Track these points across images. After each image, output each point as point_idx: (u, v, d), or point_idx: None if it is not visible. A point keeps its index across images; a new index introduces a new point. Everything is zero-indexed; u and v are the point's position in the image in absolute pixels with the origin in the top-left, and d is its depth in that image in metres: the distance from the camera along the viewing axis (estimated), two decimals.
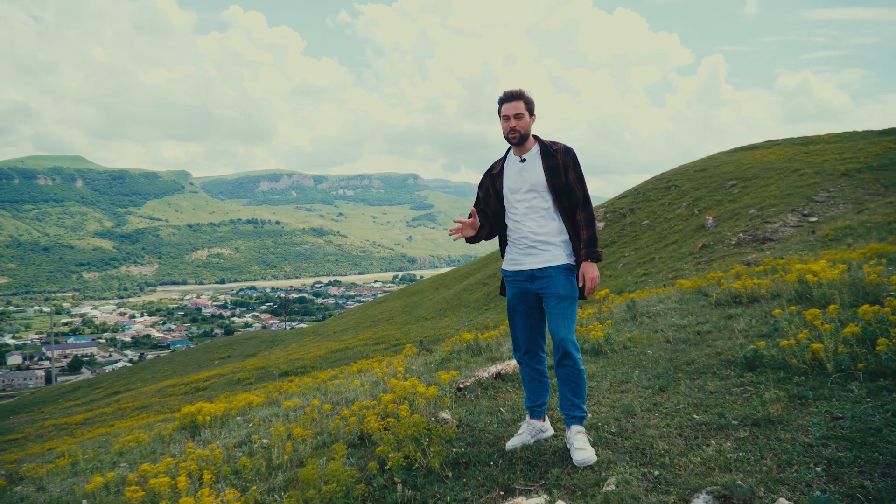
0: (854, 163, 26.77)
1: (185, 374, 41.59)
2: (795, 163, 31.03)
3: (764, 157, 35.36)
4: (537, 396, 3.67)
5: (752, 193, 28.55)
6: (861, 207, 21.07)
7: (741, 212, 26.43)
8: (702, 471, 2.88)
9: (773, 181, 29.03)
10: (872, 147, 28.65)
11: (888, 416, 3.12)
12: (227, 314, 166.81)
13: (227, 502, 3.00)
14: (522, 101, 3.48)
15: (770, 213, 24.13)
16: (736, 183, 31.72)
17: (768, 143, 41.48)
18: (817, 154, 31.59)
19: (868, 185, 24.48)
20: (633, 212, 37.32)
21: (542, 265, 3.46)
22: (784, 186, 27.23)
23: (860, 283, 5.42)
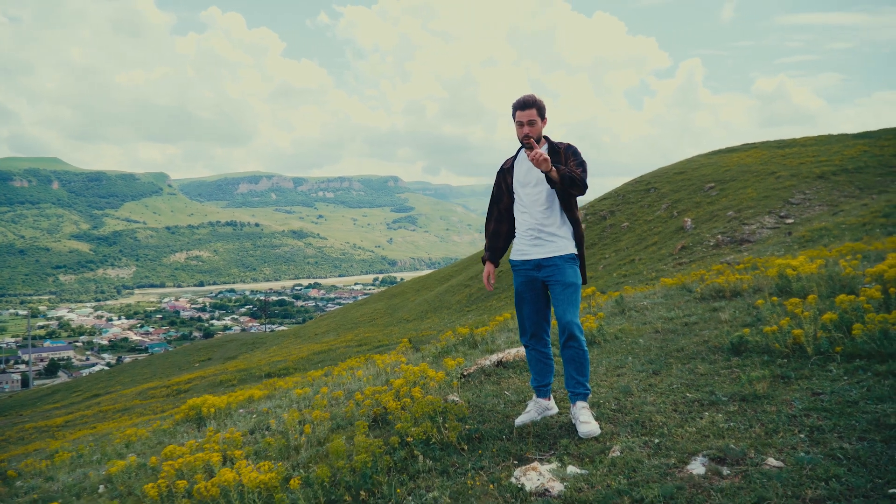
0: (829, 166, 27.27)
1: (166, 376, 41.29)
2: (772, 165, 31.45)
3: (741, 160, 35.79)
4: (543, 377, 3.97)
5: (729, 196, 28.91)
6: (836, 209, 21.47)
7: (719, 214, 26.75)
8: (697, 438, 3.20)
9: (750, 184, 29.39)
10: (847, 150, 29.21)
11: (863, 391, 3.46)
12: (205, 317, 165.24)
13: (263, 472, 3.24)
14: (535, 109, 3.80)
15: (748, 215, 24.47)
16: (714, 185, 32.06)
17: (745, 146, 42.06)
18: (793, 157, 32.08)
19: (843, 188, 24.91)
20: (614, 214, 37.70)
21: (548, 255, 3.77)
22: (761, 189, 27.57)
23: (837, 277, 5.79)
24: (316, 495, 3.17)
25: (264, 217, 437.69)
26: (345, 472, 3.23)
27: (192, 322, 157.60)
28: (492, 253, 4.16)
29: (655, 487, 2.67)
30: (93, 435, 14.92)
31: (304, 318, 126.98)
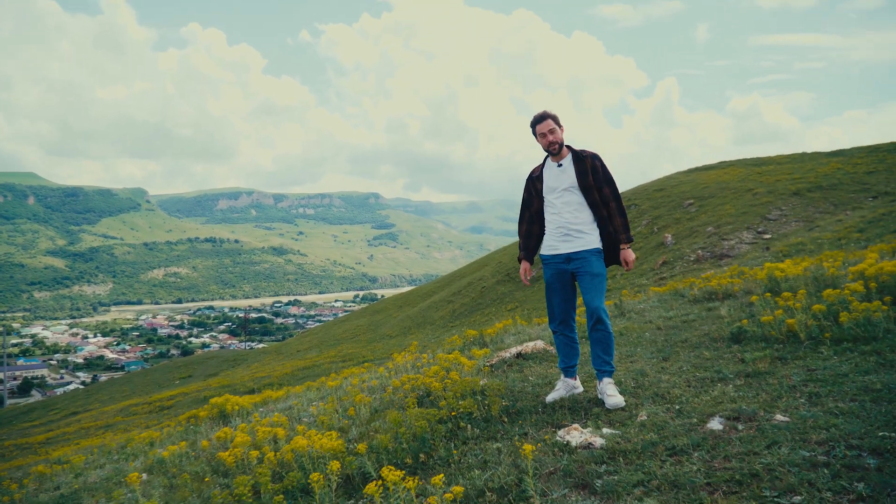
0: (804, 183, 27.97)
1: (145, 394, 40.94)
2: (749, 182, 32.02)
3: (719, 177, 36.40)
4: (570, 359, 4.47)
5: (708, 212, 29.37)
6: (812, 225, 21.99)
7: (699, 229, 27.18)
8: (712, 404, 3.71)
9: (728, 200, 29.85)
10: (821, 167, 30.01)
11: (852, 366, 4.01)
12: (184, 334, 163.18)
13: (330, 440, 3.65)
14: (551, 119, 4.36)
15: (726, 231, 24.91)
16: (693, 202, 32.49)
17: (723, 164, 42.89)
18: (769, 174, 32.83)
19: (818, 204, 25.51)
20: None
21: (577, 249, 4.29)
22: (739, 205, 28.02)
23: (822, 277, 6.37)
24: (380, 459, 3.60)
25: (244, 233, 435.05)
26: (405, 438, 3.66)
27: (170, 340, 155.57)
28: (526, 252, 4.66)
29: (684, 438, 3.17)
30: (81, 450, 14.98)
31: (283, 336, 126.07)
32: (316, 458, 3.59)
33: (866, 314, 4.51)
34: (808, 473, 2.60)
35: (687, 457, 2.98)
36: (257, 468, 3.45)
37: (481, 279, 45.55)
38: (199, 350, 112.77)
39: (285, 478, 3.38)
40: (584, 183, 4.30)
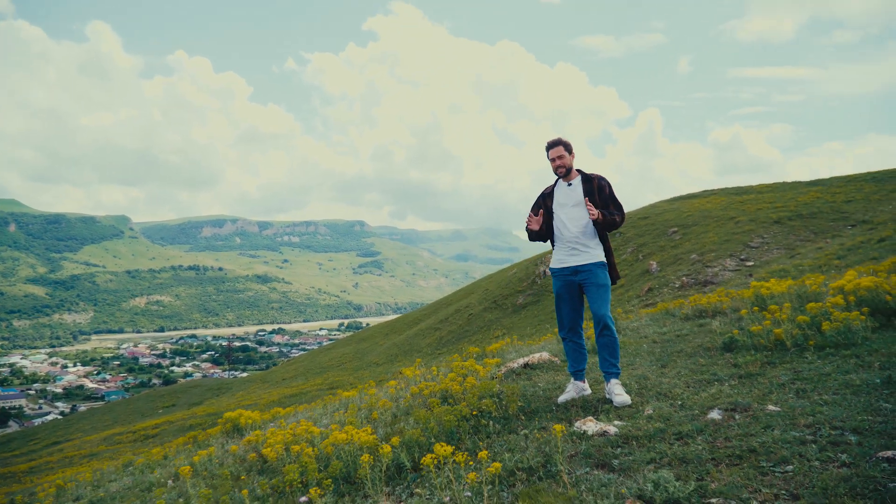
0: (785, 211, 28.55)
1: (128, 423, 40.50)
2: (731, 211, 32.51)
3: (702, 206, 36.95)
4: (578, 363, 4.89)
5: (692, 240, 29.78)
6: (793, 252, 22.44)
7: (683, 257, 27.55)
8: (710, 399, 4.14)
9: (711, 228, 30.27)
10: (801, 196, 30.69)
11: (834, 367, 4.47)
12: (165, 363, 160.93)
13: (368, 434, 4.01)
14: (562, 146, 4.86)
15: (710, 258, 25.27)
16: (677, 230, 32.93)
17: (705, 193, 43.62)
18: (751, 203, 33.43)
19: (798, 232, 25.99)
20: None
21: (584, 262, 4.74)
22: (722, 233, 28.39)
23: (805, 294, 6.85)
24: (411, 451, 3.95)
25: (228, 261, 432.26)
26: (433, 432, 4.03)
27: (152, 369, 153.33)
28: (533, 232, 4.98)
29: (688, 425, 3.58)
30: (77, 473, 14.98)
31: (267, 365, 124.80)
32: (354, 452, 3.94)
33: (846, 323, 4.98)
34: (798, 448, 3.03)
35: (692, 439, 3.39)
36: (302, 458, 3.79)
37: (468, 306, 45.81)
38: (182, 379, 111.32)
39: (329, 466, 3.73)
40: (590, 201, 4.75)
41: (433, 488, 3.35)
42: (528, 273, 41.65)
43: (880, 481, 2.57)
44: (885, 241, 16.91)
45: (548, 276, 38.79)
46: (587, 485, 2.97)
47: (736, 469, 2.91)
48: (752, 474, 2.83)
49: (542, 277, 39.90)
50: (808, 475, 2.74)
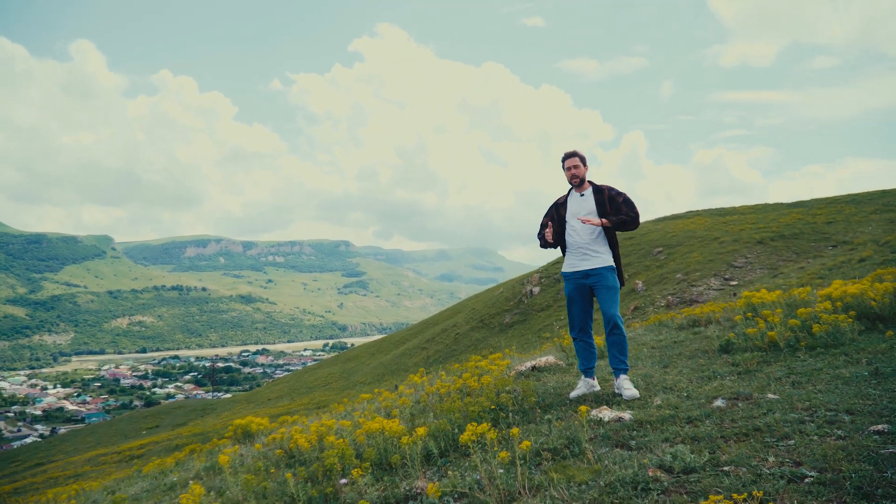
0: (768, 232, 29.05)
1: (111, 444, 40.01)
2: (715, 231, 32.96)
3: (686, 227, 37.40)
4: (589, 361, 5.22)
5: (677, 259, 30.14)
6: (776, 272, 22.86)
7: (668, 276, 27.88)
8: (714, 391, 4.50)
9: (695, 248, 30.65)
10: (783, 217, 31.26)
11: (825, 363, 4.85)
12: (147, 385, 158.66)
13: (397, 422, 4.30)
14: (577, 157, 5.20)
15: (695, 278, 25.62)
16: (662, 250, 33.27)
17: (690, 214, 44.20)
18: (734, 223, 33.95)
19: (781, 252, 26.45)
20: None
21: (594, 266, 5.09)
22: (706, 253, 28.78)
23: (794, 302, 7.25)
24: (438, 440, 4.25)
25: (212, 281, 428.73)
26: (458, 422, 4.33)
27: (133, 390, 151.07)
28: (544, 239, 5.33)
29: (696, 411, 3.93)
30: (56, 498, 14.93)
31: (251, 386, 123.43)
32: (386, 440, 4.22)
33: (835, 324, 5.38)
34: (798, 426, 3.38)
35: (701, 422, 3.73)
36: (338, 445, 4.07)
37: (455, 326, 45.92)
38: (164, 401, 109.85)
39: (364, 453, 4.01)
40: (600, 211, 5.12)
41: (465, 469, 3.65)
42: (515, 292, 41.90)
43: (873, 449, 2.92)
44: (865, 261, 17.40)
45: (534, 294, 39.18)
46: (610, 459, 3.30)
47: (743, 444, 3.24)
48: (759, 447, 3.16)
49: (528, 297, 40.12)
50: (808, 447, 3.08)
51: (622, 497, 2.82)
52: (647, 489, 2.85)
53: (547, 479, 3.13)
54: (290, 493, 3.78)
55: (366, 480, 3.63)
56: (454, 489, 3.28)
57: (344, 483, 3.78)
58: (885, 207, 28.92)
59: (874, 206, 29.67)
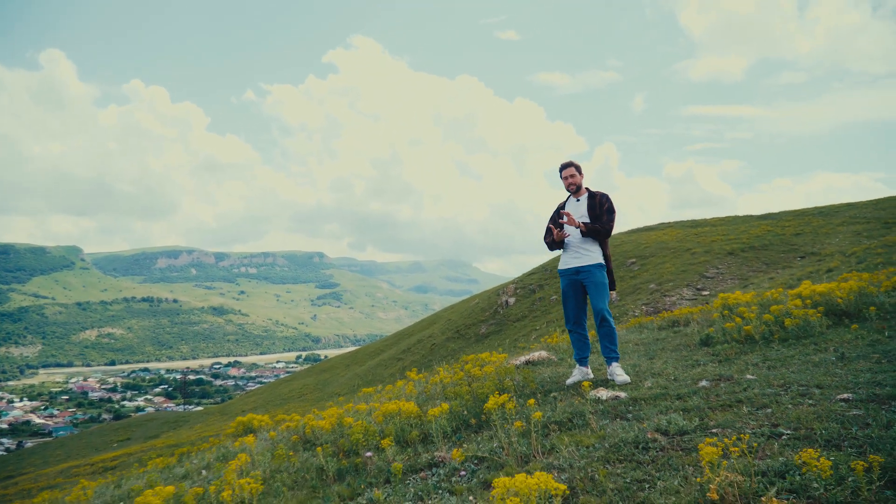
0: (738, 243, 29.74)
1: (82, 457, 39.38)
2: (687, 243, 33.53)
3: (659, 238, 37.97)
4: (583, 351, 5.67)
5: (650, 270, 30.64)
6: (746, 282, 23.47)
7: (642, 287, 28.36)
8: (698, 374, 5.01)
9: (668, 259, 31.15)
10: (753, 229, 32.08)
11: (796, 352, 5.40)
12: (116, 398, 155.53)
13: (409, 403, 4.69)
14: (573, 167, 5.68)
15: (668, 288, 26.10)
16: (636, 261, 33.75)
17: (662, 225, 44.93)
18: (706, 235, 34.64)
19: (751, 263, 27.12)
20: (542, 287, 39.02)
21: (585, 263, 5.56)
22: (678, 264, 29.28)
23: (767, 301, 7.80)
24: (450, 421, 4.64)
25: (183, 293, 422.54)
26: (469, 402, 4.74)
27: (102, 403, 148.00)
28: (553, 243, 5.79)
29: (684, 389, 4.41)
30: None
31: (223, 398, 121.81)
32: (404, 419, 4.61)
33: (805, 318, 5.91)
34: (774, 398, 3.88)
35: (689, 398, 4.21)
36: (359, 423, 4.44)
37: (430, 336, 46.03)
38: (133, 414, 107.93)
39: (385, 430, 4.40)
40: (591, 215, 5.59)
41: (479, 442, 4.06)
42: (491, 303, 42.21)
43: (839, 412, 3.41)
44: (832, 271, 18.07)
45: (510, 305, 39.57)
46: (612, 427, 3.75)
47: (728, 412, 3.72)
48: (741, 414, 3.64)
49: (504, 307, 40.42)
50: (784, 413, 3.56)
51: (626, 454, 3.26)
52: (647, 448, 3.30)
53: (559, 443, 3.56)
54: (319, 465, 4.14)
55: (392, 451, 4.01)
56: (475, 455, 3.69)
57: (369, 455, 4.15)
58: (851, 220, 29.84)
59: (841, 219, 30.57)
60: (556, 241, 5.64)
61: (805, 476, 2.61)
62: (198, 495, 3.84)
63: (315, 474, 4.17)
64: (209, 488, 3.75)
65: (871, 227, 27.77)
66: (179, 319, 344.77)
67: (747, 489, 2.60)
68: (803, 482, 2.61)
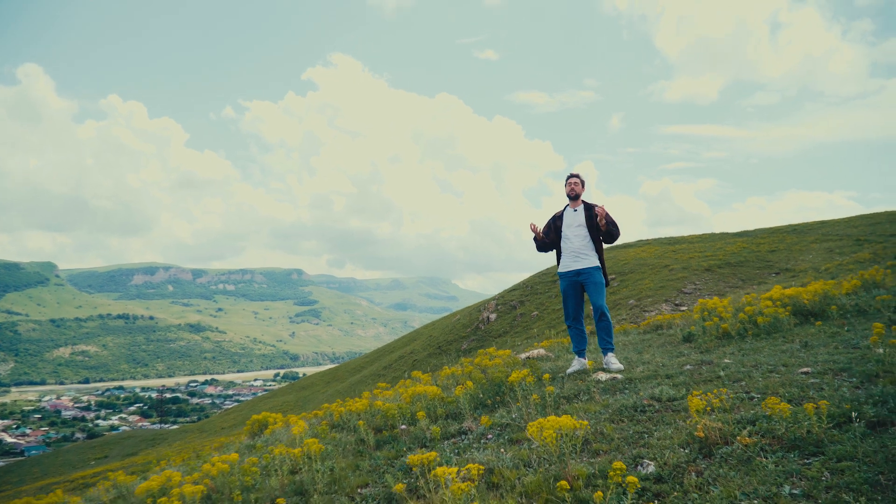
0: (715, 260, 30.56)
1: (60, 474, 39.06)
2: (665, 259, 34.20)
3: (637, 255, 38.68)
4: (581, 344, 6.41)
5: (629, 286, 31.32)
6: (723, 297, 24.41)
7: (622, 302, 29.02)
8: (683, 362, 5.80)
9: (647, 275, 31.82)
10: (729, 246, 32.95)
11: (767, 344, 6.21)
12: (90, 416, 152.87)
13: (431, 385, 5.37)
14: (578, 178, 6.44)
15: (647, 304, 26.74)
16: (615, 277, 34.38)
17: (640, 242, 45.75)
18: (683, 252, 35.42)
19: (728, 279, 27.84)
20: (523, 303, 39.48)
21: (584, 266, 6.30)
22: (657, 280, 29.93)
23: (741, 306, 8.62)
24: (469, 402, 5.33)
25: (159, 310, 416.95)
26: (485, 385, 5.43)
27: (75, 422, 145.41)
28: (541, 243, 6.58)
29: (672, 371, 5.17)
30: None
31: (199, 417, 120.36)
32: (429, 401, 5.29)
33: (775, 316, 6.71)
34: (747, 374, 4.67)
35: (676, 377, 4.99)
36: (388, 405, 5.11)
37: (412, 352, 46.31)
38: (108, 433, 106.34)
39: (414, 408, 5.07)
40: (589, 223, 6.35)
41: (498, 415, 4.75)
42: (472, 319, 42.66)
43: (800, 381, 4.20)
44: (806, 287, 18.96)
45: (491, 321, 40.17)
46: (613, 398, 4.47)
47: (709, 385, 4.49)
48: (720, 385, 4.41)
49: (485, 323, 40.85)
50: (755, 383, 4.35)
51: (627, 415, 3.99)
52: (644, 410, 4.05)
53: (571, 410, 4.27)
54: (360, 437, 4.80)
55: (425, 422, 4.68)
56: (498, 423, 4.38)
57: (404, 428, 4.81)
58: (823, 237, 30.89)
59: (814, 236, 31.59)
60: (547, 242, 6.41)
61: (770, 421, 3.36)
62: (265, 461, 4.47)
63: (354, 446, 4.82)
64: (273, 451, 4.38)
65: (844, 243, 28.76)
66: (155, 337, 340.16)
67: (726, 431, 3.33)
68: (769, 426, 3.35)
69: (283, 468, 4.32)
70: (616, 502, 2.77)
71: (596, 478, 3.14)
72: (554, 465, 3.29)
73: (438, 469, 2.84)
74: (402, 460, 4.16)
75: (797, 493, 2.70)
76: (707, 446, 3.26)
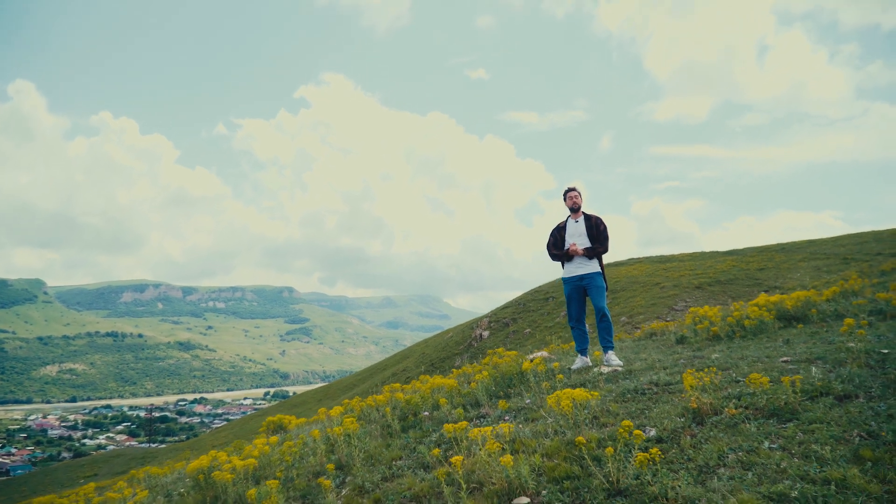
0: (705, 277, 31.02)
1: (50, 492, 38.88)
2: (656, 277, 34.65)
3: (629, 273, 39.14)
4: (583, 343, 6.96)
5: (621, 304, 31.76)
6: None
7: (614, 319, 29.41)
8: (677, 358, 6.31)
9: (638, 293, 32.25)
10: (719, 265, 33.57)
11: (753, 343, 6.78)
12: (77, 435, 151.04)
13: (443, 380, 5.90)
14: (577, 192, 7.01)
15: (639, 321, 27.10)
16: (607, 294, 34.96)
17: (632, 261, 46.30)
18: (674, 270, 35.91)
19: (718, 297, 28.25)
20: (516, 321, 39.68)
21: (587, 271, 6.88)
22: (648, 297, 30.35)
23: (729, 312, 9.22)
24: (483, 392, 5.86)
25: (149, 328, 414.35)
26: (498, 378, 5.97)
27: (62, 441, 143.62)
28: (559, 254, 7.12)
29: (669, 362, 5.73)
30: None
31: (188, 436, 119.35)
32: (449, 391, 5.81)
33: (760, 319, 7.30)
34: (734, 364, 5.27)
35: (671, 368, 5.56)
36: (410, 395, 5.63)
37: (405, 370, 46.41)
38: (95, 452, 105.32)
39: (436, 396, 5.59)
40: (590, 233, 6.94)
41: (511, 402, 5.28)
42: (465, 337, 42.90)
43: (780, 367, 4.79)
44: None
45: (484, 338, 40.51)
46: (616, 385, 5.02)
47: (703, 372, 5.02)
48: (710, 373, 4.94)
49: (478, 340, 41.08)
50: (741, 371, 4.95)
51: (630, 397, 4.56)
52: (644, 392, 4.62)
53: None
54: (386, 423, 5.32)
55: (448, 408, 5.21)
56: (514, 408, 4.93)
57: (427, 414, 5.34)
58: (811, 256, 31.54)
59: (802, 255, 32.23)
60: (570, 254, 6.96)
61: (753, 396, 3.93)
62: (304, 442, 4.98)
63: (382, 430, 5.34)
64: (310, 433, 4.90)
65: (831, 262, 29.34)
66: (144, 355, 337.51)
67: (716, 405, 3.91)
68: (752, 400, 3.93)
69: (321, 447, 4.83)
70: (624, 455, 3.32)
71: (605, 442, 3.69)
72: (569, 432, 3.84)
73: (473, 431, 3.38)
74: (431, 438, 4.69)
75: (774, 447, 3.28)
76: (700, 416, 3.84)
